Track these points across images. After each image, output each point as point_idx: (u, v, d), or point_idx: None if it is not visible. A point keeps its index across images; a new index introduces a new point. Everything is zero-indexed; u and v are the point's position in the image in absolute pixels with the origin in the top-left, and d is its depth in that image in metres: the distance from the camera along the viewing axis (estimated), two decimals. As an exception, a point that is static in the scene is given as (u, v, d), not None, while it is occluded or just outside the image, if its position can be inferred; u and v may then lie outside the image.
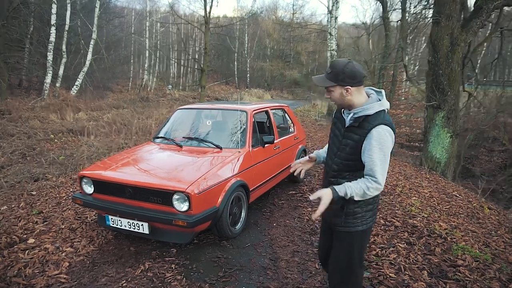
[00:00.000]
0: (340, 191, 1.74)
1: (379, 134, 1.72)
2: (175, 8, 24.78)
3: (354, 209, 1.87)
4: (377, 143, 1.71)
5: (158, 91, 26.54)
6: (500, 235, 3.63)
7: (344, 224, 1.91)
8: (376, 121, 1.74)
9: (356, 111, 1.81)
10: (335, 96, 1.84)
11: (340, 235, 1.97)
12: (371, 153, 1.72)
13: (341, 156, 1.88)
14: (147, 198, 3.07)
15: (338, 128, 1.97)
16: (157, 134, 4.38)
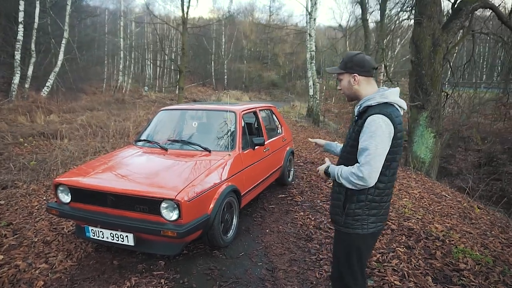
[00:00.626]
0: (332, 170, 1.78)
1: (372, 121, 1.65)
2: (151, 8, 24.18)
3: (355, 209, 1.76)
4: (369, 131, 1.65)
5: (134, 92, 25.82)
6: (495, 236, 3.58)
7: (343, 224, 1.81)
8: (373, 111, 1.68)
9: (361, 102, 1.79)
10: (344, 85, 1.85)
11: (339, 235, 1.89)
12: (362, 140, 1.67)
13: (345, 150, 1.87)
14: (132, 206, 2.81)
15: (352, 124, 1.92)
16: (139, 136, 4.10)
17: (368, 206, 1.75)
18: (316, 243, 3.36)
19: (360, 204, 1.75)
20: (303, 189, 5.09)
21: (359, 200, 1.75)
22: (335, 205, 1.84)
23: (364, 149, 1.64)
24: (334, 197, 1.86)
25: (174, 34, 31.67)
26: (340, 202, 1.80)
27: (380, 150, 1.62)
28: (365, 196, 1.73)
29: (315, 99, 15.32)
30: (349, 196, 1.76)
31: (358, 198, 1.75)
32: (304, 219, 3.95)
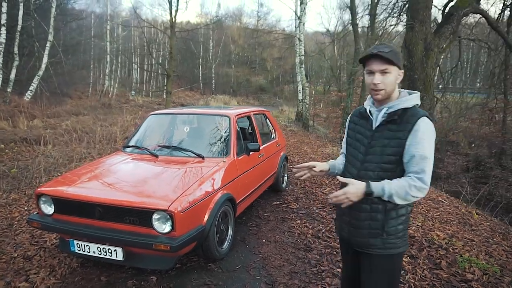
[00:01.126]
0: (376, 187, 1.46)
1: (426, 126, 1.49)
2: (138, 12, 23.87)
3: (397, 226, 1.57)
4: (425, 136, 1.48)
5: (120, 97, 25.40)
6: (498, 243, 3.50)
7: (385, 245, 1.58)
8: (420, 113, 1.52)
9: (391, 104, 1.57)
10: (391, 81, 1.54)
11: (376, 260, 1.62)
12: (419, 147, 1.47)
13: (376, 160, 1.58)
14: (121, 218, 2.61)
15: (360, 132, 1.69)
16: (128, 142, 3.89)
17: (407, 218, 1.59)
18: (316, 253, 3.20)
19: (401, 219, 1.57)
20: (298, 196, 4.94)
21: (400, 214, 1.56)
22: (370, 227, 1.59)
23: (423, 157, 1.47)
24: (365, 217, 1.60)
25: (161, 38, 31.42)
26: (377, 221, 1.57)
27: (432, 157, 1.49)
28: (405, 209, 1.57)
29: (305, 103, 15.27)
30: (388, 212, 1.55)
31: (398, 212, 1.56)
32: (301, 227, 3.80)
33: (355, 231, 1.65)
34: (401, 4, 10.19)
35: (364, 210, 1.59)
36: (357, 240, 1.65)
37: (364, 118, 1.69)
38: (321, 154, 8.49)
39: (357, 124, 1.74)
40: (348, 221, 1.68)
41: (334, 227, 3.81)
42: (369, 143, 1.62)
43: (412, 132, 1.49)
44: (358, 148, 1.68)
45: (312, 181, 5.72)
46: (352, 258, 1.78)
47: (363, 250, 1.65)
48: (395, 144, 1.53)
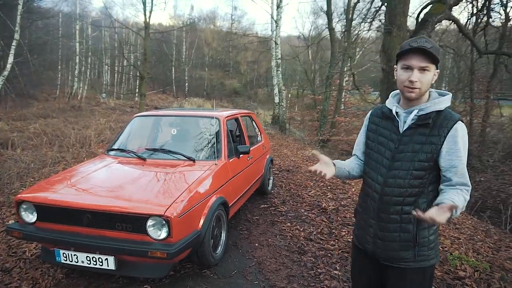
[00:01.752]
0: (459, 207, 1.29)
1: (463, 132, 1.40)
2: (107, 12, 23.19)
3: (429, 236, 1.46)
4: (463, 142, 1.40)
5: (91, 99, 24.55)
6: (482, 240, 3.62)
7: (417, 257, 1.47)
8: (455, 116, 1.41)
9: (424, 106, 1.44)
10: (428, 79, 1.41)
11: (408, 274, 1.51)
12: (460, 154, 1.39)
13: (406, 167, 1.45)
14: (113, 225, 2.48)
15: (383, 135, 1.55)
16: (112, 145, 3.73)
17: (437, 228, 1.52)
18: (310, 256, 3.18)
19: (433, 229, 1.48)
20: (285, 198, 4.92)
21: (431, 224, 1.42)
22: (401, 239, 1.48)
23: (464, 165, 1.40)
24: (395, 228, 1.49)
25: (134, 39, 30.69)
26: (409, 233, 1.46)
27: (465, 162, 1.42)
28: None
29: (281, 106, 15.34)
30: (420, 222, 1.44)
31: None
32: (292, 230, 3.77)
33: (383, 244, 1.53)
34: (374, 10, 10.50)
35: (394, 221, 1.49)
36: (387, 254, 1.53)
37: (388, 120, 1.55)
38: (302, 157, 8.53)
39: (379, 126, 1.59)
40: (374, 233, 1.56)
41: (324, 228, 3.81)
42: (396, 147, 1.49)
43: (448, 137, 1.39)
44: (383, 153, 1.54)
45: (296, 183, 5.72)
46: (372, 271, 1.66)
47: (393, 264, 1.53)
48: (429, 149, 1.41)
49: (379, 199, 1.52)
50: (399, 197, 1.47)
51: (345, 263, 3.04)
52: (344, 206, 4.55)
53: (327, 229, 3.80)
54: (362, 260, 1.69)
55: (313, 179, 6.03)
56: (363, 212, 1.64)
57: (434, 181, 1.45)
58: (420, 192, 1.44)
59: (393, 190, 1.48)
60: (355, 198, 4.93)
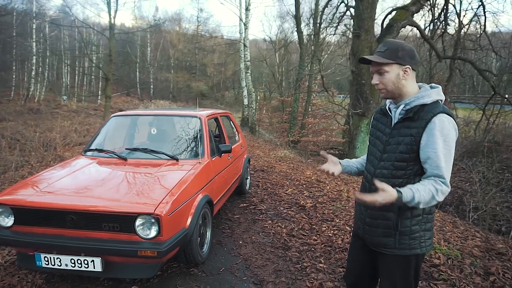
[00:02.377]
0: (407, 195, 1.38)
1: (442, 124, 1.43)
2: (67, 11, 22.26)
3: (411, 227, 1.53)
4: (441, 134, 1.42)
5: (50, 102, 23.43)
6: (451, 231, 3.85)
7: (398, 245, 1.55)
8: (436, 109, 1.46)
9: (408, 101, 1.53)
10: (390, 79, 1.51)
11: (390, 260, 1.60)
12: (436, 146, 1.42)
13: (390, 158, 1.55)
14: (99, 226, 2.41)
15: (380, 129, 1.66)
16: (89, 146, 3.60)
17: (424, 220, 1.55)
18: (295, 251, 3.25)
19: (416, 220, 1.53)
20: (263, 197, 4.97)
21: (415, 214, 1.52)
22: (382, 225, 1.58)
23: (441, 158, 1.41)
24: (376, 215, 1.59)
25: (95, 40, 29.60)
26: (390, 221, 1.55)
27: (452, 155, 1.44)
28: (422, 210, 1.52)
29: (251, 108, 15.44)
30: (402, 212, 1.52)
31: (413, 212, 1.52)
32: (274, 227, 3.83)
33: (370, 230, 1.64)
34: (339, 15, 10.87)
35: (379, 208, 1.54)
36: (372, 239, 1.64)
37: (385, 115, 1.66)
38: (274, 157, 8.64)
39: (378, 122, 1.71)
40: (364, 220, 1.67)
41: (305, 225, 3.90)
42: (387, 140, 1.59)
43: (426, 129, 1.44)
44: (378, 146, 1.65)
45: (272, 182, 5.79)
46: (359, 254, 1.78)
47: (378, 249, 1.64)
48: (408, 141, 1.49)
49: (369, 188, 1.62)
50: None
51: (329, 256, 3.13)
52: (321, 203, 4.67)
53: (308, 225, 3.89)
54: (358, 247, 1.80)
55: (289, 178, 6.14)
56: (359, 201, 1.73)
57: (419, 174, 1.51)
58: (404, 183, 1.49)
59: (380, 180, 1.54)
60: (330, 196, 5.08)
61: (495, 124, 12.35)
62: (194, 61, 41.35)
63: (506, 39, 10.93)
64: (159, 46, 37.93)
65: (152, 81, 36.44)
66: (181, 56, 40.91)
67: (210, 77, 41.41)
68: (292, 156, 9.30)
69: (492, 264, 2.91)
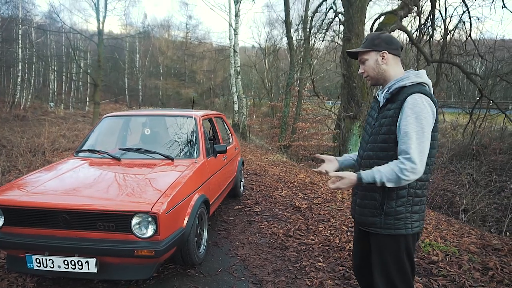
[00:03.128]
0: (367, 176, 1.49)
1: (414, 101, 1.47)
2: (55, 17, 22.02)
3: (396, 207, 1.57)
4: (412, 112, 1.46)
5: (36, 109, 23.03)
6: (447, 229, 3.87)
7: (383, 225, 1.60)
8: (412, 90, 1.51)
9: (390, 84, 1.61)
10: (369, 65, 1.65)
11: (380, 239, 1.64)
12: (405, 123, 1.46)
13: (375, 140, 1.62)
14: (93, 225, 2.34)
15: (371, 115, 1.76)
16: (81, 147, 3.52)
17: (410, 202, 1.57)
18: (292, 251, 3.20)
19: (401, 201, 1.56)
20: (257, 199, 4.93)
21: (400, 196, 1.55)
22: (369, 206, 1.63)
23: (409, 134, 1.44)
24: (365, 196, 1.65)
25: (83, 46, 29.31)
26: (375, 201, 1.60)
27: (427, 134, 1.46)
28: (407, 191, 1.55)
29: (242, 113, 15.41)
30: (387, 193, 1.56)
31: (398, 194, 1.55)
32: (271, 228, 3.79)
33: (360, 210, 1.70)
34: (328, 21, 11.00)
35: (365, 189, 1.65)
36: (361, 219, 1.70)
37: (376, 101, 1.75)
38: (267, 161, 8.61)
39: (372, 109, 1.78)
40: (355, 201, 1.75)
41: (302, 225, 3.87)
42: (373, 124, 1.68)
43: (402, 109, 1.50)
44: (367, 130, 1.74)
45: (266, 185, 5.76)
46: (359, 237, 1.83)
47: (366, 228, 1.69)
48: (388, 122, 1.55)
49: (359, 170, 1.67)
50: (369, 167, 1.58)
51: (327, 255, 3.10)
52: (317, 205, 4.65)
53: (304, 225, 3.86)
54: (357, 231, 1.87)
55: (282, 181, 6.11)
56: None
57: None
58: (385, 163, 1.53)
59: (366, 162, 1.66)
60: (325, 197, 5.07)
61: (482, 128, 12.61)
62: (183, 67, 41.22)
63: (490, 45, 11.22)
64: (148, 53, 37.75)
65: (141, 88, 36.22)
66: (170, 63, 40.74)
67: (199, 84, 41.30)
68: (284, 160, 9.29)
69: (489, 260, 2.92)
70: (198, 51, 32.73)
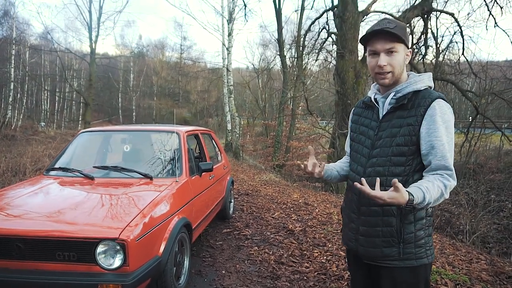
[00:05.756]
0: (418, 196, 1.16)
1: (442, 109, 1.27)
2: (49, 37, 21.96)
3: (416, 232, 1.31)
4: (443, 121, 1.25)
5: (27, 129, 22.61)
6: (453, 253, 3.56)
7: (403, 256, 1.32)
8: (433, 94, 1.31)
9: (399, 87, 1.36)
10: (399, 60, 1.33)
11: (396, 274, 1.35)
12: (439, 134, 1.24)
13: (385, 154, 1.34)
14: (52, 255, 2.01)
15: (364, 124, 1.48)
16: (53, 164, 3.21)
17: (429, 222, 1.34)
18: (285, 280, 2.87)
19: (421, 223, 1.32)
20: (248, 222, 4.60)
21: (418, 217, 1.31)
22: (382, 234, 1.34)
23: (446, 147, 1.24)
24: (374, 222, 1.36)
25: (76, 66, 29.28)
26: (391, 227, 1.32)
27: (453, 145, 1.27)
28: (425, 210, 1.31)
29: (235, 133, 15.17)
30: (404, 215, 1.30)
31: (416, 215, 1.31)
32: (261, 254, 3.45)
33: (366, 240, 1.40)
34: (321, 41, 10.97)
35: (375, 214, 1.36)
36: (369, 251, 1.39)
37: (369, 108, 1.49)
38: (259, 181, 8.31)
39: (361, 116, 1.53)
40: (356, 229, 1.43)
41: (295, 250, 3.54)
42: (376, 134, 1.41)
43: (426, 116, 1.28)
44: (363, 142, 1.46)
45: (258, 206, 5.44)
46: (363, 273, 1.52)
47: (377, 263, 1.39)
48: (406, 132, 1.30)
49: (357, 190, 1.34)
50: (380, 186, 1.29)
51: (323, 285, 2.77)
52: (311, 227, 4.33)
53: (298, 251, 3.53)
54: (354, 262, 1.56)
55: (275, 202, 5.79)
56: (346, 208, 1.54)
57: (419, 169, 1.32)
58: (404, 182, 1.28)
59: (372, 179, 1.29)
60: (320, 219, 4.75)
61: (477, 147, 12.47)
62: (177, 88, 41.25)
63: (483, 64, 11.21)
64: (142, 73, 37.82)
65: (135, 108, 36.09)
66: (164, 83, 40.82)
67: (193, 104, 41.28)
68: (277, 180, 8.99)
69: (504, 290, 2.62)
70: (192, 71, 32.79)
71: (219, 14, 15.17)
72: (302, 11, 13.71)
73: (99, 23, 15.50)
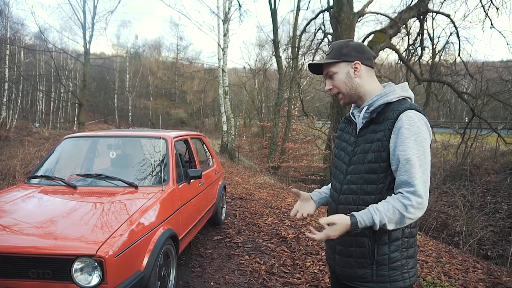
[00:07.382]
0: (363, 219, 1.14)
1: (410, 120, 1.18)
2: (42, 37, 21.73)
3: (390, 254, 1.23)
4: (410, 133, 1.16)
5: (21, 129, 22.40)
6: (449, 262, 3.47)
7: (376, 278, 1.24)
8: (403, 106, 1.22)
9: (371, 101, 1.30)
10: (340, 80, 1.32)
11: None
12: (404, 147, 1.16)
13: (358, 171, 1.28)
14: (25, 273, 1.90)
15: (345, 139, 1.43)
16: (34, 172, 3.09)
17: (405, 244, 1.24)
18: (275, 293, 2.77)
19: (395, 245, 1.23)
20: (240, 228, 4.49)
21: (393, 238, 1.22)
22: (355, 254, 1.27)
23: (411, 161, 1.13)
24: (348, 241, 1.29)
25: (72, 66, 29.07)
26: (363, 248, 1.25)
27: (428, 159, 1.17)
28: (401, 231, 1.22)
29: (230, 134, 15.06)
30: (378, 236, 1.23)
31: (391, 236, 1.22)
32: (252, 264, 3.35)
33: (341, 260, 1.34)
34: (317, 42, 10.90)
35: (349, 233, 1.25)
36: (344, 271, 1.34)
37: (350, 123, 1.42)
38: (254, 184, 8.20)
39: (343, 131, 1.47)
40: (334, 247, 1.38)
41: (287, 260, 3.44)
42: (352, 150, 1.34)
43: (394, 130, 1.20)
44: (342, 158, 1.40)
45: (251, 211, 5.33)
46: None
47: (352, 283, 1.32)
48: (376, 147, 1.23)
49: (336, 208, 1.36)
50: (353, 205, 1.27)
51: (314, 298, 2.67)
52: (305, 234, 4.22)
53: (290, 260, 3.43)
54: (335, 281, 1.47)
55: (269, 207, 5.69)
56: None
57: (388, 188, 1.24)
58: (377, 201, 1.22)
59: (347, 197, 1.31)
60: (314, 225, 4.65)
61: (473, 148, 12.42)
62: (173, 88, 41.06)
63: (479, 65, 11.15)
64: (138, 74, 37.60)
65: (131, 108, 35.87)
66: (160, 83, 40.59)
67: (189, 104, 41.09)
68: (272, 183, 8.89)
69: (502, 303, 2.53)
70: (188, 71, 32.63)
71: (215, 15, 15.05)
72: (297, 12, 13.63)
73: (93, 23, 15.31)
